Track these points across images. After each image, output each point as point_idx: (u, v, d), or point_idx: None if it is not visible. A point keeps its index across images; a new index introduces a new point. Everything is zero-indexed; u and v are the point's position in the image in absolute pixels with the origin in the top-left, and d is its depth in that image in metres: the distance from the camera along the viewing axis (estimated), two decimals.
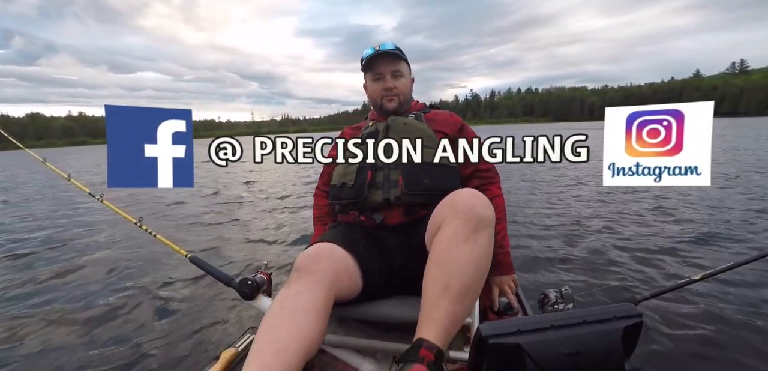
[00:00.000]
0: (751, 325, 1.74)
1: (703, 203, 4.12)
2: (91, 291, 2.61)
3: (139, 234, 3.82)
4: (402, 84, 1.32)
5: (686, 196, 4.48)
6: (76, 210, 5.80)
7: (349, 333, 1.09)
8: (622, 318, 0.57)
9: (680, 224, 3.37)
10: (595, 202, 4.50)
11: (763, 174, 5.68)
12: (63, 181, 1.73)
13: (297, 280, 0.86)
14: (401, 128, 1.20)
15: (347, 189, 1.14)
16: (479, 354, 0.59)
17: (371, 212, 1.12)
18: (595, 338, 0.56)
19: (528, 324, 0.56)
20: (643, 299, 1.20)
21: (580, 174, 6.82)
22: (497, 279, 1.17)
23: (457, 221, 0.84)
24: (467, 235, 0.82)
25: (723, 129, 21.88)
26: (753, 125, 27.04)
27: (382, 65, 1.31)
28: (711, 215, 3.61)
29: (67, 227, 4.74)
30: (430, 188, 1.08)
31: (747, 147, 10.03)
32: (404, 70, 1.33)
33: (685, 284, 1.23)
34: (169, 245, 1.44)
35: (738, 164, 6.85)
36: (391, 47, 1.31)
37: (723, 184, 5.10)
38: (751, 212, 3.62)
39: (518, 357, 0.55)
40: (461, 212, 0.84)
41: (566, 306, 1.08)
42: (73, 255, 3.51)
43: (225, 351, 1.06)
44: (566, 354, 0.55)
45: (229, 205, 5.78)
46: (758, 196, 4.30)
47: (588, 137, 0.96)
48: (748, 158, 7.81)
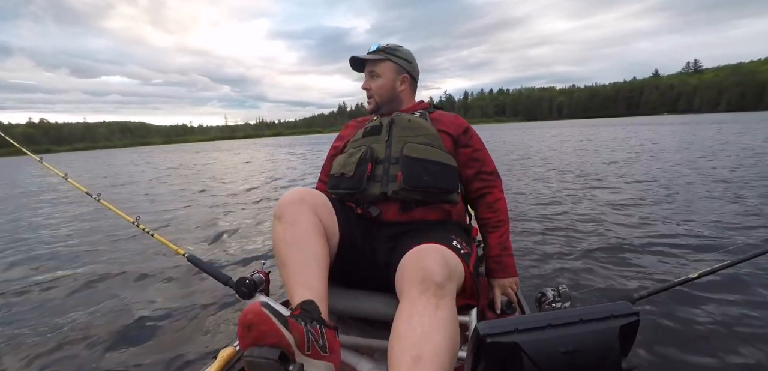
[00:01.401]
0: (749, 323, 1.75)
1: (701, 200, 4.13)
2: (88, 290, 2.61)
3: (136, 234, 3.82)
4: (377, 84, 1.31)
5: (685, 194, 4.49)
6: (71, 210, 5.78)
7: (347, 331, 1.09)
8: (619, 317, 0.57)
9: (678, 222, 3.38)
10: (593, 200, 4.51)
11: (760, 171, 5.70)
12: (58, 181, 1.72)
13: (283, 214, 0.95)
14: (406, 125, 1.20)
15: (346, 180, 1.14)
16: (477, 352, 0.59)
17: (368, 205, 1.12)
18: (592, 336, 0.56)
19: (525, 323, 0.56)
20: (641, 297, 1.20)
21: (579, 172, 6.83)
22: (501, 281, 1.17)
23: (413, 289, 0.79)
24: (426, 303, 0.76)
25: (693, 127, 22.14)
26: (716, 121, 27.20)
27: (365, 66, 1.34)
28: (709, 213, 3.62)
29: (62, 227, 4.73)
30: (428, 185, 1.08)
31: (739, 142, 10.06)
32: (382, 69, 1.31)
33: (683, 282, 1.23)
34: (167, 245, 1.44)
35: (734, 162, 6.87)
36: (374, 48, 1.33)
37: (721, 182, 5.12)
38: (749, 210, 3.63)
39: (516, 355, 0.55)
40: (417, 281, 0.79)
41: (564, 304, 1.09)
42: (69, 255, 3.50)
43: (223, 350, 1.06)
44: (563, 353, 0.55)
45: (225, 204, 5.78)
46: (756, 193, 4.31)
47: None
48: (743, 154, 7.83)
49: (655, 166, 7.07)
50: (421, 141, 1.15)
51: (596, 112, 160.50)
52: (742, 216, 3.44)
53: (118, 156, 36.57)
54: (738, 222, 3.28)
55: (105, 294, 2.51)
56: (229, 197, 6.38)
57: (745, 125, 20.57)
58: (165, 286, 2.58)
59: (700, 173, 5.89)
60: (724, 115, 64.83)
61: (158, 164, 15.99)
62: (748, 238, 2.91)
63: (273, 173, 10.36)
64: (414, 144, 1.13)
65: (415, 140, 1.15)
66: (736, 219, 3.36)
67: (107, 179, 11.72)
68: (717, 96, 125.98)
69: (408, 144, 1.13)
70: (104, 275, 2.88)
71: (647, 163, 7.59)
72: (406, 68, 1.34)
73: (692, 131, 17.94)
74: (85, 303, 2.40)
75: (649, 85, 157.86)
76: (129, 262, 3.15)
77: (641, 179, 5.72)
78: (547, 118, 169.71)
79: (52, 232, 4.53)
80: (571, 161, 8.83)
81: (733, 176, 5.48)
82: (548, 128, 41.17)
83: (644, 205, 4.11)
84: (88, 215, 5.25)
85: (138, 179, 10.96)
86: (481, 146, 1.29)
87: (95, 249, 3.62)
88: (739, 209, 3.71)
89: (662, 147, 10.71)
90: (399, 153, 1.12)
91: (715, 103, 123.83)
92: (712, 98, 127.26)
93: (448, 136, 1.23)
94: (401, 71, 1.34)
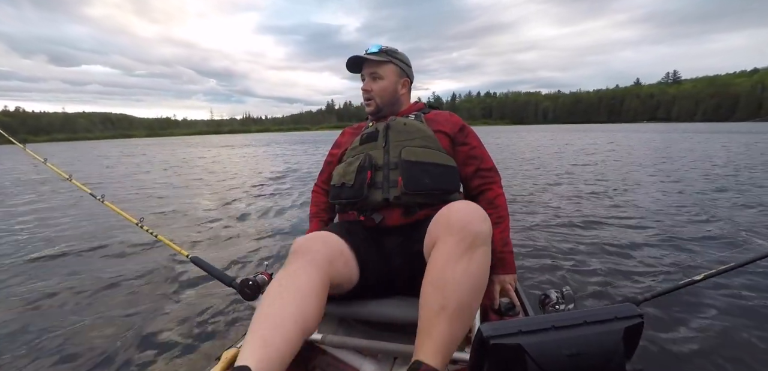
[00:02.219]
0: (754, 325, 1.74)
1: (706, 203, 4.11)
2: (92, 291, 2.62)
3: (140, 235, 3.84)
4: (380, 86, 1.29)
5: (688, 196, 4.47)
6: (74, 211, 5.81)
7: (350, 333, 1.09)
8: (623, 319, 0.57)
9: (682, 224, 3.36)
10: (597, 201, 4.49)
11: (762, 175, 5.66)
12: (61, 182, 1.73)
13: (293, 261, 0.88)
14: (401, 128, 1.20)
15: (347, 189, 1.14)
16: (480, 354, 0.59)
17: (371, 212, 1.12)
18: (596, 339, 0.56)
19: (529, 325, 0.56)
20: (645, 299, 1.20)
21: (581, 172, 6.81)
22: (500, 277, 1.17)
23: (452, 238, 0.82)
24: (462, 253, 0.80)
25: (693, 135, 22.05)
26: (700, 130, 27.12)
27: (363, 68, 1.31)
28: (713, 215, 3.60)
29: (66, 228, 4.75)
30: (430, 188, 1.08)
31: (741, 151, 10.01)
32: (385, 71, 1.29)
33: (687, 284, 1.23)
34: (171, 246, 1.44)
35: (737, 167, 6.83)
36: (376, 49, 1.30)
37: (725, 185, 5.09)
38: (753, 212, 3.61)
39: (519, 357, 0.55)
40: (456, 229, 0.82)
41: (567, 306, 1.08)
42: (73, 257, 3.52)
43: (226, 352, 1.06)
44: (567, 355, 0.55)
45: (229, 205, 5.79)
46: (759, 197, 4.28)
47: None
48: (745, 160, 7.79)
49: (661, 169, 7.04)
50: (419, 144, 1.15)
51: (580, 117, 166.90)
52: (748, 219, 3.42)
53: (101, 148, 36.30)
54: (744, 225, 3.26)
55: (106, 295, 2.52)
56: (233, 197, 6.39)
57: (728, 136, 20.40)
58: (168, 287, 2.59)
59: (704, 178, 5.86)
60: (701, 124, 65.22)
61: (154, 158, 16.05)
62: (754, 241, 2.89)
63: (275, 168, 10.38)
64: (412, 147, 1.13)
65: (413, 144, 1.14)
66: (742, 222, 3.34)
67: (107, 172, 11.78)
68: (694, 106, 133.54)
69: (406, 148, 1.13)
70: (105, 275, 2.89)
71: (652, 167, 7.56)
72: (407, 72, 1.35)
73: (690, 139, 17.87)
74: (87, 304, 2.41)
75: (630, 94, 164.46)
76: (131, 263, 3.16)
77: (645, 182, 5.70)
78: (533, 122, 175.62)
79: (54, 232, 4.56)
80: (572, 164, 8.80)
81: (737, 181, 5.45)
82: (536, 131, 41.07)
83: (648, 207, 4.09)
84: (86, 216, 5.27)
85: (133, 172, 11.01)
86: (478, 143, 1.29)
87: (96, 250, 3.64)
88: (745, 211, 3.68)
89: (663, 153, 10.67)
90: (397, 158, 1.12)
91: (692, 113, 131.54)
92: (689, 107, 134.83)
93: (444, 135, 1.23)
94: (402, 75, 1.33)
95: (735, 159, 7.59)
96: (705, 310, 1.88)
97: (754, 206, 3.87)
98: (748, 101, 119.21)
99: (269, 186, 7.67)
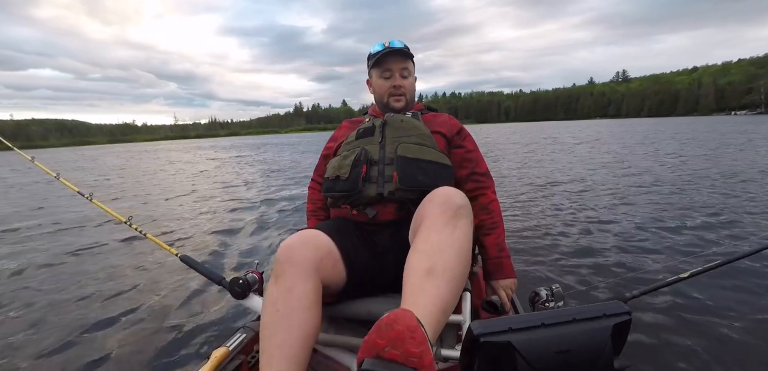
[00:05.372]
0: (739, 322, 1.78)
1: (692, 201, 4.19)
2: (81, 290, 2.57)
3: (128, 233, 3.78)
4: (409, 83, 1.33)
5: (676, 195, 4.55)
6: (63, 209, 5.70)
7: (341, 332, 1.09)
8: (611, 316, 0.57)
9: (670, 222, 3.42)
10: (584, 200, 4.54)
11: (752, 173, 5.79)
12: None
13: (282, 274, 0.86)
14: (398, 125, 1.20)
15: (341, 182, 1.13)
16: (470, 352, 0.59)
17: (364, 206, 1.11)
18: (585, 336, 0.56)
19: (519, 322, 0.57)
20: (633, 296, 1.21)
21: (570, 171, 6.88)
22: (501, 282, 1.17)
23: (436, 209, 0.86)
24: (446, 221, 0.83)
25: (691, 124, 22.38)
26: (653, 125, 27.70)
27: (392, 62, 1.30)
28: (700, 213, 3.67)
29: (54, 226, 4.66)
30: (424, 184, 1.08)
31: (730, 144, 10.22)
32: (412, 69, 1.34)
33: (674, 281, 1.25)
34: (159, 245, 1.42)
35: (723, 164, 6.97)
36: (401, 45, 1.31)
37: (711, 183, 5.19)
38: (739, 210, 3.69)
39: (509, 355, 0.55)
40: (439, 202, 0.87)
41: (557, 303, 1.09)
42: (61, 255, 3.45)
43: (216, 351, 1.04)
44: (557, 352, 0.55)
45: (218, 203, 5.74)
46: (746, 194, 4.38)
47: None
48: (731, 158, 7.95)
49: (645, 166, 7.15)
50: (415, 141, 1.15)
51: (539, 115, 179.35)
52: (733, 217, 3.49)
53: (62, 155, 35.47)
54: (728, 223, 3.33)
55: (95, 294, 2.48)
56: (221, 196, 6.33)
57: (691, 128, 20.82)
58: (157, 286, 2.56)
59: (688, 173, 5.97)
60: (646, 120, 67.34)
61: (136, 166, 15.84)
62: (739, 239, 2.95)
63: (264, 166, 10.31)
64: (407, 144, 1.13)
65: (409, 140, 1.15)
66: (727, 220, 3.41)
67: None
68: (641, 103, 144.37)
69: (402, 144, 1.13)
70: (93, 274, 2.85)
71: (635, 163, 7.67)
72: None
73: (673, 128, 18.16)
74: (74, 303, 2.36)
75: (584, 92, 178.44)
76: (120, 262, 3.11)
77: (633, 179, 5.78)
78: (496, 120, 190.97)
79: (39, 232, 4.47)
80: (559, 164, 8.89)
81: (721, 179, 5.56)
82: (502, 129, 41.46)
83: (636, 205, 4.15)
84: (75, 217, 5.18)
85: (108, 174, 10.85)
86: (474, 147, 1.30)
87: (85, 248, 3.58)
88: (730, 210, 3.76)
89: (646, 148, 10.84)
90: (393, 153, 1.12)
91: (639, 109, 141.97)
92: (636, 104, 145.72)
93: (441, 136, 1.24)
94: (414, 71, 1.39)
95: (715, 154, 7.74)
96: (692, 306, 1.92)
97: (735, 205, 3.95)
98: (687, 98, 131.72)
99: (257, 186, 7.61)
